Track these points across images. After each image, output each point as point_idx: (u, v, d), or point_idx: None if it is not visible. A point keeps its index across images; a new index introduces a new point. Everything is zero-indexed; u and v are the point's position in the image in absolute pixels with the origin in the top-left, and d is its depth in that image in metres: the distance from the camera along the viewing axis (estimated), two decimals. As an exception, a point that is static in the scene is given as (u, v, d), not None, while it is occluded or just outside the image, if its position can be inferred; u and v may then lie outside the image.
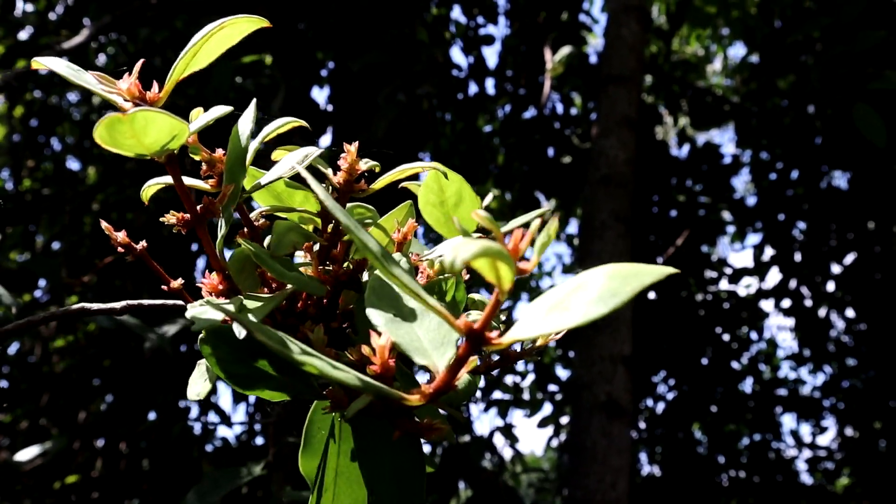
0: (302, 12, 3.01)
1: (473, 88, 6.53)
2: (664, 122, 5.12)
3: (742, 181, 9.11)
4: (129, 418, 3.00)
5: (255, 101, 0.55)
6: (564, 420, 4.31)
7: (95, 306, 0.60)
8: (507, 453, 4.95)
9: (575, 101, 4.69)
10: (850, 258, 4.68)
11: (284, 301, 0.54)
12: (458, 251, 0.30)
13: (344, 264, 0.56)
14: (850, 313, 4.97)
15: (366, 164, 0.56)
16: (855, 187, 4.69)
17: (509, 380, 4.23)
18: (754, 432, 5.13)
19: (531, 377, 4.38)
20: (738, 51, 15.30)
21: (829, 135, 4.41)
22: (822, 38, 3.82)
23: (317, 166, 0.58)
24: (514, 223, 0.62)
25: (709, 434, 5.05)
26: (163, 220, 0.54)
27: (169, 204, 0.64)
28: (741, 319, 4.96)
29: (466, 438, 3.52)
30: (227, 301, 0.50)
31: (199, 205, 0.53)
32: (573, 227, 5.32)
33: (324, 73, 3.46)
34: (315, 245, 0.58)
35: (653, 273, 0.34)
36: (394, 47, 2.89)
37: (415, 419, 0.45)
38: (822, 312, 4.92)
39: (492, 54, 57.06)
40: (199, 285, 0.54)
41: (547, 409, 4.32)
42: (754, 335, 5.18)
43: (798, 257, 4.71)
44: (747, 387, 5.23)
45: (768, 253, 4.76)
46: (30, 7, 3.55)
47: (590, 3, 6.45)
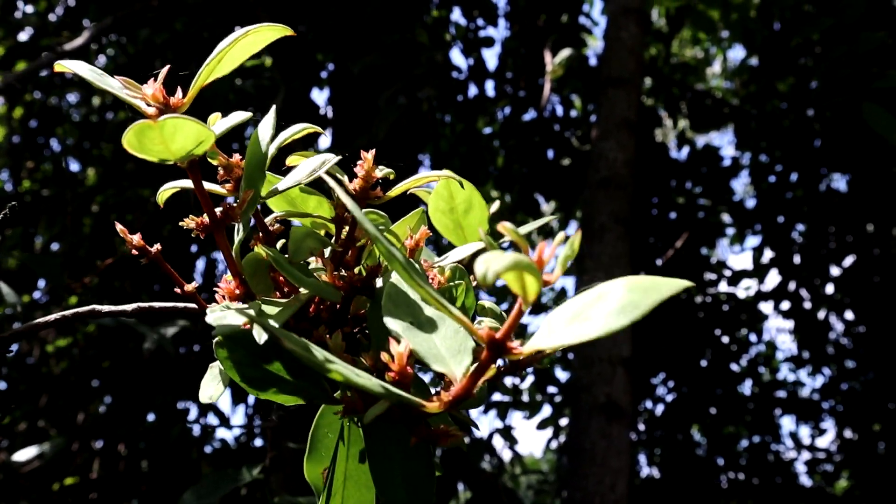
0: (302, 14, 3.01)
1: (473, 90, 6.52)
2: (664, 125, 5.12)
3: (741, 183, 9.14)
4: (127, 420, 3.00)
5: (274, 107, 0.55)
6: (564, 422, 4.32)
7: (107, 308, 0.60)
8: (507, 455, 4.95)
9: (575, 104, 4.70)
10: (849, 260, 4.68)
11: (297, 306, 0.54)
12: (490, 264, 0.30)
13: (356, 270, 0.56)
14: (849, 315, 4.98)
15: (381, 171, 0.56)
16: (854, 190, 4.69)
17: (508, 381, 4.23)
18: (753, 434, 5.12)
19: (530, 379, 4.38)
20: (737, 53, 15.33)
21: (828, 137, 4.41)
22: (822, 41, 3.82)
23: (333, 173, 0.58)
24: (522, 231, 0.62)
25: (708, 436, 5.05)
26: (182, 224, 0.54)
27: (169, 206, 0.64)
28: (740, 321, 4.96)
29: (466, 440, 3.52)
30: (247, 306, 0.51)
31: (219, 209, 0.53)
32: (572, 228, 5.33)
33: (324, 75, 3.46)
34: (327, 250, 0.58)
35: (671, 286, 0.34)
36: (394, 49, 2.90)
37: (430, 426, 0.45)
38: (822, 315, 4.93)
39: (492, 56, 57.20)
40: (215, 289, 0.54)
41: (546, 410, 4.33)
42: (753, 337, 5.17)
43: (797, 259, 4.72)
44: (746, 389, 5.23)
45: (767, 255, 4.76)
46: (30, 8, 3.54)
47: (590, 5, 6.45)
